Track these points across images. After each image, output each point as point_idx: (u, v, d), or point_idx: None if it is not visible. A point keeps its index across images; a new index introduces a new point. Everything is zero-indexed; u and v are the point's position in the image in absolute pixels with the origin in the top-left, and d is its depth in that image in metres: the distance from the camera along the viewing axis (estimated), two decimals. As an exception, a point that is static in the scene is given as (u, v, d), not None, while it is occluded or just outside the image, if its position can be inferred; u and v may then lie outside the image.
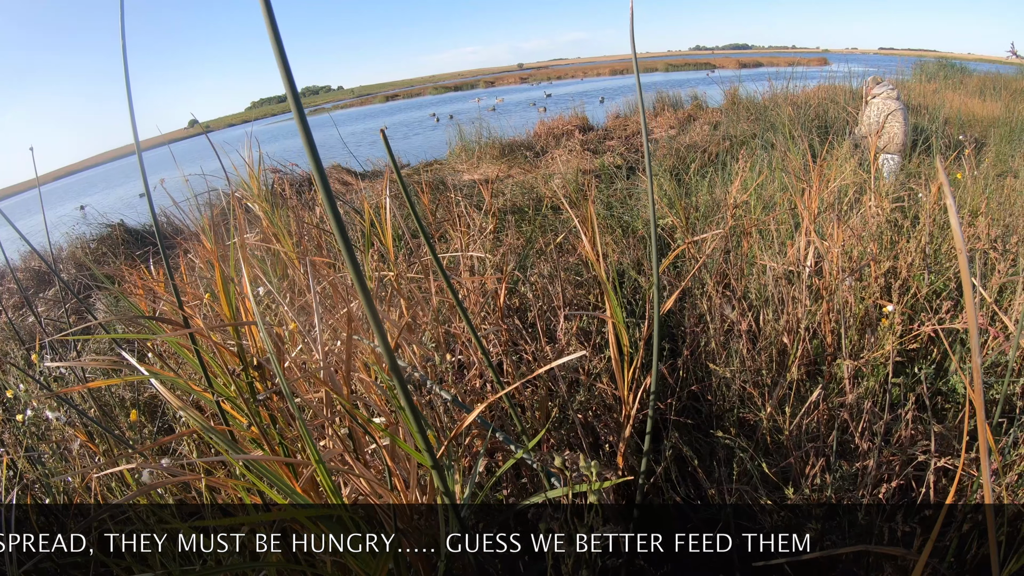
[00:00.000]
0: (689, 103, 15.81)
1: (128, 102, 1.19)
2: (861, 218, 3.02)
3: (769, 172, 4.76)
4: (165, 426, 2.88)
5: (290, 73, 0.74)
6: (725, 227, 3.33)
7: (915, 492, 2.03)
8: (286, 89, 0.75)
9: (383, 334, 0.84)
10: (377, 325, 0.82)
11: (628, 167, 9.23)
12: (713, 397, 2.54)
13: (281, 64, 0.72)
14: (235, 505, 1.80)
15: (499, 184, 8.44)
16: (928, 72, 16.71)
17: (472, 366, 2.30)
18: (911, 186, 3.76)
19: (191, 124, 3.16)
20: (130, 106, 1.19)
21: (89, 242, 11.14)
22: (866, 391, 2.24)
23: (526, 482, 2.16)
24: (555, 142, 13.66)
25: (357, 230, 3.40)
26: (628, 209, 5.49)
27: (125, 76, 1.15)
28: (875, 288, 2.59)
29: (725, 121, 11.13)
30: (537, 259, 3.39)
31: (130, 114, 1.19)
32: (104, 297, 6.52)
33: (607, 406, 2.29)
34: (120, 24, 1.13)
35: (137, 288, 3.11)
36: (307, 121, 0.77)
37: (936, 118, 8.94)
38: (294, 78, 0.76)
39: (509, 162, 11.66)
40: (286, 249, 2.67)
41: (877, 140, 6.11)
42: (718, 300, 2.61)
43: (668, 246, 4.26)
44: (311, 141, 0.76)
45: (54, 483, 2.22)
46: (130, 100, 1.19)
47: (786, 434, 2.18)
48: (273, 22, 0.70)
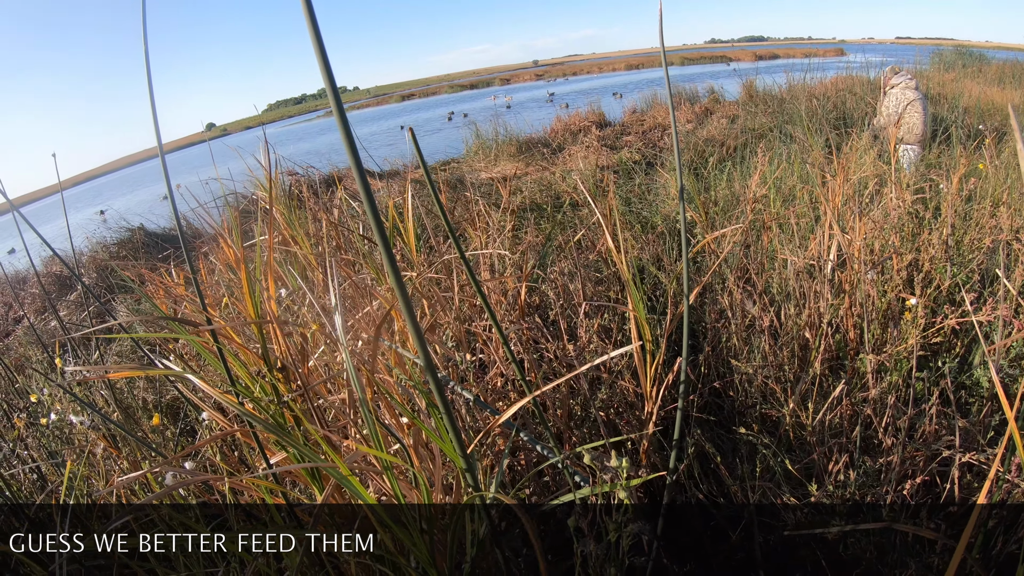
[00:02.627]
0: (706, 97, 15.74)
1: (151, 108, 1.19)
2: (882, 210, 2.99)
3: (788, 165, 4.73)
4: (187, 428, 2.90)
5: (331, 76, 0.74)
6: (745, 221, 3.31)
7: (939, 488, 2.01)
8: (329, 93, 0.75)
9: (420, 336, 0.84)
10: (415, 329, 0.81)
11: (646, 162, 9.20)
12: (735, 393, 2.52)
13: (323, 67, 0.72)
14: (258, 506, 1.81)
15: (517, 182, 8.44)
16: (946, 61, 16.52)
17: (492, 365, 2.30)
18: (932, 177, 3.72)
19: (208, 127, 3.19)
20: (153, 112, 1.19)
21: (110, 246, 11.23)
22: (889, 386, 2.21)
23: (548, 480, 2.16)
24: (572, 138, 13.65)
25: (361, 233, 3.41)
26: (647, 205, 5.47)
27: (148, 83, 1.15)
28: (898, 281, 2.56)
29: (743, 114, 11.06)
30: (557, 256, 3.38)
31: (153, 119, 1.20)
32: (125, 300, 6.57)
33: (628, 403, 2.28)
34: (143, 33, 1.13)
35: (159, 291, 3.13)
36: (347, 120, 0.77)
37: (955, 107, 8.84)
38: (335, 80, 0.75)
39: (526, 159, 11.66)
40: (304, 251, 2.68)
41: (896, 131, 6.06)
42: (739, 295, 2.59)
43: (688, 241, 4.23)
44: (351, 141, 0.75)
45: (77, 486, 2.24)
46: (153, 106, 1.19)
47: (809, 430, 2.16)
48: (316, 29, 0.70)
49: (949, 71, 14.34)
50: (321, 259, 2.65)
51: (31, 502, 2.06)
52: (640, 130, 13.93)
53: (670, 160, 7.82)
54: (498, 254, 2.87)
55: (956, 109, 8.71)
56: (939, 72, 14.10)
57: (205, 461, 2.07)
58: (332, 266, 1.42)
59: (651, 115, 15.57)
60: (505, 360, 2.25)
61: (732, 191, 4.71)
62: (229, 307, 2.23)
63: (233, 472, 1.84)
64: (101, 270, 9.60)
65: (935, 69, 14.93)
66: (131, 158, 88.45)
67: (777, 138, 7.38)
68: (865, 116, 8.13)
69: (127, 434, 2.03)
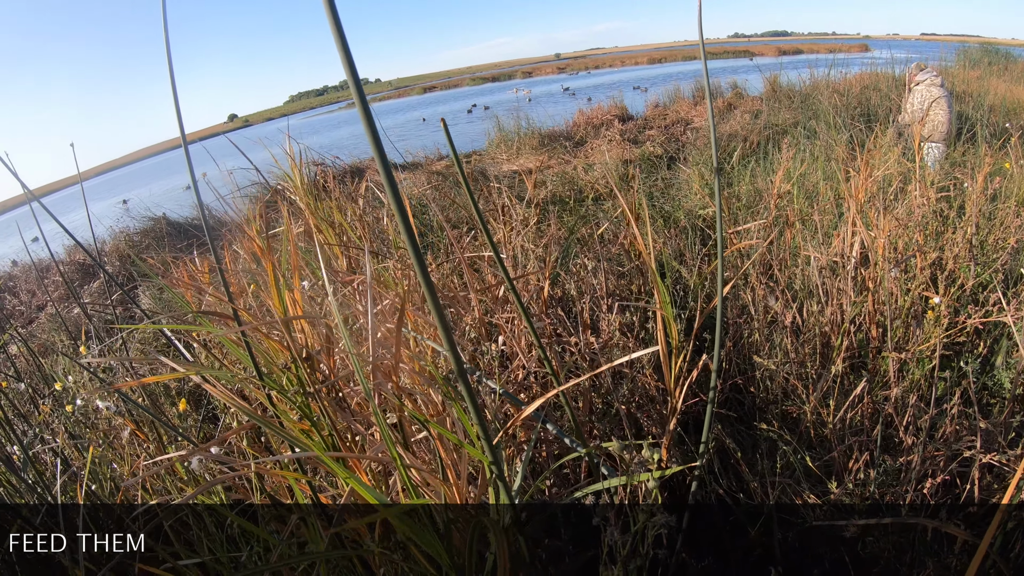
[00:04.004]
0: (729, 91, 15.67)
1: (174, 99, 1.20)
2: (906, 208, 2.96)
3: (811, 161, 4.70)
4: (210, 414, 2.93)
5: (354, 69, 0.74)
6: (768, 217, 3.29)
7: (959, 488, 2.00)
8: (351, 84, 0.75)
9: (447, 328, 0.84)
10: (443, 323, 0.82)
11: (668, 157, 9.17)
12: (756, 389, 2.52)
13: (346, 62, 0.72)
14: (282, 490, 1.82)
15: (539, 174, 8.44)
16: (972, 58, 16.32)
17: (514, 357, 2.31)
18: (956, 175, 3.68)
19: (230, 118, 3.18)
20: (176, 103, 1.20)
21: (133, 235, 11.36)
22: (911, 385, 2.20)
23: (568, 473, 2.16)
24: (594, 132, 13.64)
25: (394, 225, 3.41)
26: (669, 199, 5.46)
27: (170, 74, 1.16)
28: (921, 280, 2.54)
29: (766, 110, 10.98)
30: (579, 249, 3.38)
31: (176, 109, 1.21)
32: (148, 289, 6.64)
33: (650, 398, 2.28)
34: (163, 24, 1.14)
35: (183, 280, 3.16)
36: (372, 114, 0.77)
37: (981, 105, 8.74)
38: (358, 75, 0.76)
39: (548, 152, 11.65)
40: (330, 241, 2.70)
41: (921, 128, 6.00)
42: (762, 291, 2.58)
43: (710, 237, 4.22)
44: (376, 134, 0.76)
45: (102, 471, 2.27)
46: (175, 97, 1.20)
47: (829, 428, 2.16)
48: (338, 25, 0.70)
49: (974, 68, 14.15)
50: (345, 249, 2.67)
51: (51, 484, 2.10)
52: (662, 124, 13.89)
53: (693, 155, 7.80)
54: (521, 246, 2.88)
55: (981, 107, 8.61)
56: (964, 69, 13.93)
57: (230, 447, 2.09)
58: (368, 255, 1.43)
59: (673, 109, 15.53)
60: (528, 352, 2.25)
61: (755, 187, 4.69)
62: (255, 295, 2.25)
63: (259, 458, 1.86)
64: (124, 258, 9.70)
65: (960, 66, 14.76)
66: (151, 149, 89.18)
67: (801, 134, 7.34)
68: (889, 113, 8.07)
69: (155, 419, 2.05)
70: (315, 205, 2.87)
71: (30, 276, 11.12)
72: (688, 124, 13.59)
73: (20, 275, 11.95)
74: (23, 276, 11.58)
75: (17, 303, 10.31)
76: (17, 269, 13.25)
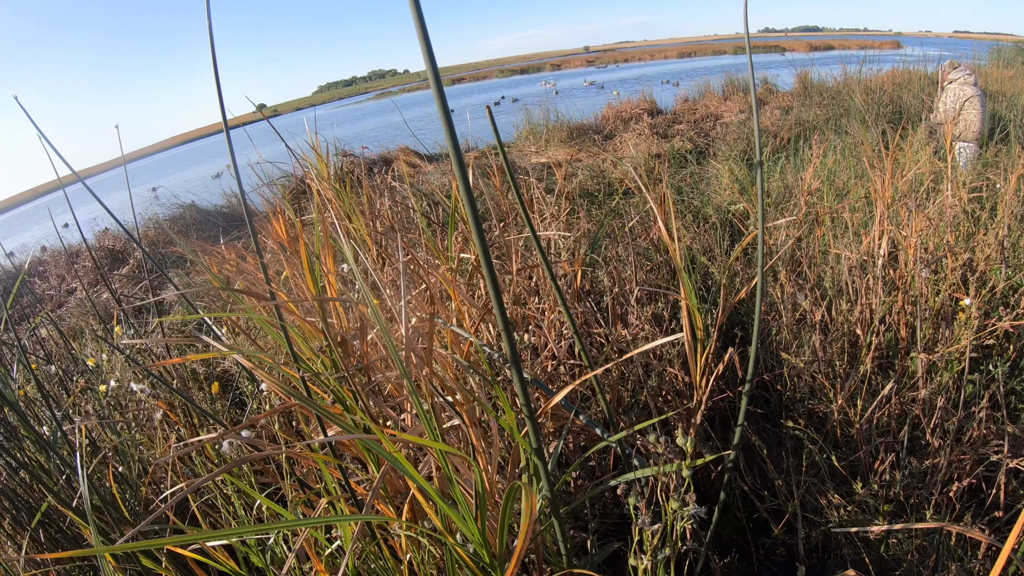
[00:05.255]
0: (759, 87, 15.56)
1: (217, 89, 1.22)
2: (938, 208, 2.93)
3: (842, 159, 4.66)
4: (237, 399, 2.96)
5: (432, 55, 0.75)
6: (799, 214, 3.27)
7: (984, 493, 1.98)
8: (427, 67, 0.76)
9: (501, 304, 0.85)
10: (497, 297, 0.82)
11: (698, 151, 9.13)
12: (783, 387, 2.51)
13: (424, 46, 0.73)
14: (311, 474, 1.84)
15: (568, 167, 8.45)
16: (1005, 57, 16.05)
17: (543, 347, 2.31)
18: (989, 176, 3.64)
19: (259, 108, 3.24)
20: (218, 90, 1.22)
21: (162, 222, 11.52)
22: (939, 387, 2.18)
23: (594, 465, 2.17)
24: (623, 126, 13.64)
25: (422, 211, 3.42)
26: (698, 194, 5.43)
27: (213, 63, 1.17)
28: (952, 280, 2.51)
29: (796, 106, 10.91)
30: (609, 242, 3.38)
31: (219, 98, 1.22)
32: (178, 275, 6.71)
33: (677, 391, 2.28)
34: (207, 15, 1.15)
35: (213, 266, 3.19)
36: (444, 94, 0.78)
37: (1015, 105, 8.59)
38: (436, 60, 0.76)
39: (577, 145, 11.66)
40: (359, 229, 2.71)
41: (953, 128, 5.92)
42: (790, 289, 2.57)
43: (739, 233, 4.20)
44: (448, 118, 0.76)
45: (131, 453, 2.30)
46: (218, 84, 1.22)
47: (856, 427, 2.14)
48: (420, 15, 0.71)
49: (1008, 68, 13.92)
50: (376, 237, 2.68)
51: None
52: (692, 119, 13.85)
53: (723, 150, 7.75)
54: (553, 237, 2.88)
55: (1015, 107, 8.47)
56: (998, 68, 13.72)
57: (261, 430, 2.11)
58: (400, 241, 1.44)
59: (703, 104, 15.48)
60: (557, 342, 2.26)
61: (784, 183, 4.65)
62: (284, 282, 2.27)
63: (290, 442, 1.88)
64: (153, 244, 9.83)
65: (993, 65, 14.55)
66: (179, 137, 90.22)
67: (832, 130, 7.28)
68: (921, 112, 7.97)
69: (188, 401, 2.07)
70: (344, 194, 2.88)
71: (60, 261, 11.30)
72: (718, 119, 13.54)
73: (50, 260, 12.15)
74: (53, 261, 11.78)
75: (47, 287, 10.48)
76: (47, 254, 13.48)
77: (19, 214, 46.94)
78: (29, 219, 32.69)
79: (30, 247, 15.16)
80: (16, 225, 32.01)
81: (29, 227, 26.14)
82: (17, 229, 27.97)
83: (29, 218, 33.96)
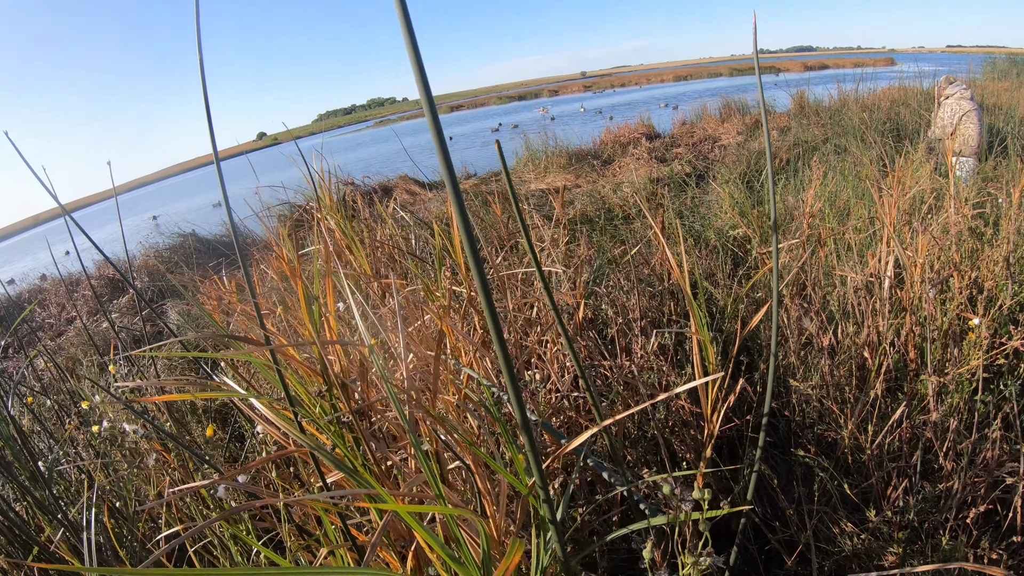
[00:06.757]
0: (756, 108, 15.64)
1: (207, 117, 1.20)
2: (942, 226, 2.90)
3: (842, 178, 4.64)
4: (236, 433, 2.92)
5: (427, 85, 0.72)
6: (801, 237, 3.25)
7: (999, 515, 1.94)
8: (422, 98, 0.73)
9: (511, 368, 0.81)
10: (507, 362, 0.79)
11: (697, 175, 9.14)
12: (791, 413, 2.47)
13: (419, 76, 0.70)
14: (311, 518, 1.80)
15: (567, 193, 8.46)
16: (1000, 69, 16.20)
17: (546, 379, 2.27)
18: (990, 190, 3.62)
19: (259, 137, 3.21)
20: (209, 121, 1.20)
21: (162, 251, 11.53)
22: (951, 409, 2.14)
23: (600, 499, 2.12)
24: (621, 150, 13.68)
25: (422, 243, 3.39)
26: (699, 217, 5.41)
27: (204, 93, 1.15)
28: (960, 300, 2.48)
29: (794, 126, 10.95)
30: (610, 270, 3.35)
31: (209, 128, 1.20)
32: (176, 304, 6.69)
33: (684, 422, 2.24)
34: (198, 48, 1.13)
35: (212, 297, 3.16)
36: (440, 128, 0.75)
37: (1012, 118, 8.62)
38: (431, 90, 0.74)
39: (576, 171, 11.69)
40: (360, 262, 2.68)
41: (953, 143, 5.93)
42: (796, 312, 2.54)
43: (741, 257, 4.17)
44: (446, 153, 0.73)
45: (127, 491, 2.26)
46: (208, 115, 1.20)
47: (867, 453, 2.10)
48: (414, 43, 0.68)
49: (1003, 80, 14.02)
50: (376, 269, 2.65)
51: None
52: (690, 142, 13.91)
53: (722, 172, 7.75)
54: (553, 271, 2.85)
55: (1012, 119, 8.50)
56: (993, 81, 13.82)
57: (258, 474, 2.07)
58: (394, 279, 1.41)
59: (701, 126, 15.56)
60: (560, 376, 2.22)
61: (786, 205, 4.64)
62: (282, 318, 2.24)
63: (288, 489, 1.84)
64: (153, 274, 9.83)
65: (988, 78, 14.67)
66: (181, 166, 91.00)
67: (830, 151, 7.29)
68: (920, 128, 8.00)
69: (181, 447, 2.03)
70: (345, 225, 2.85)
71: (59, 290, 11.30)
72: (716, 141, 13.58)
73: (50, 288, 12.17)
74: (53, 290, 11.78)
75: (47, 315, 10.46)
76: (47, 283, 13.50)
77: (20, 241, 47.22)
78: (32, 246, 32.90)
79: (30, 275, 15.21)
80: (16, 253, 32.18)
81: (32, 253, 26.26)
82: (17, 257, 28.09)
83: (32, 245, 34.19)
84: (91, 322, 8.73)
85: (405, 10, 0.71)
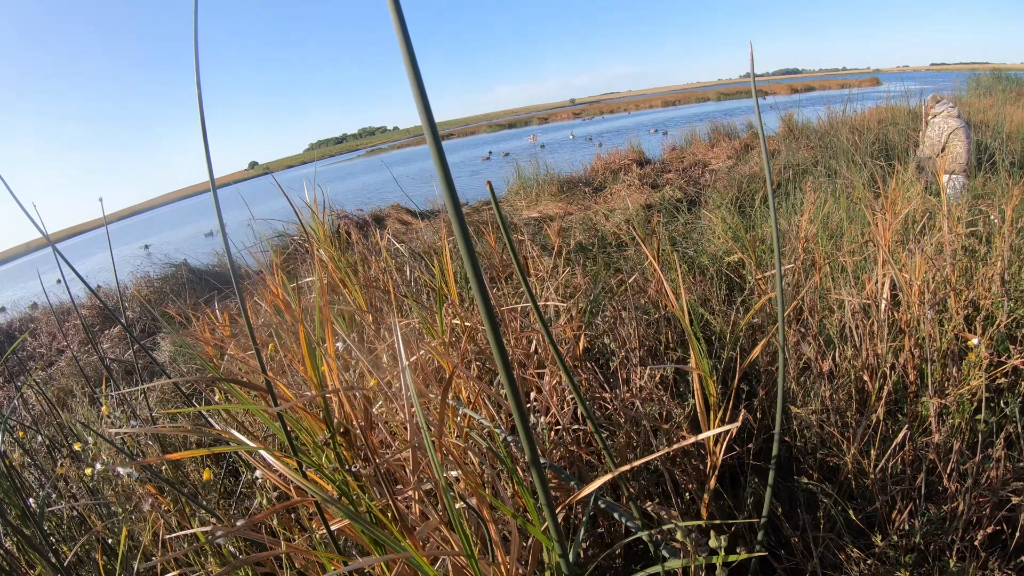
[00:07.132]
0: (744, 132, 15.77)
1: (204, 146, 1.19)
2: (936, 246, 2.91)
3: (834, 201, 4.66)
4: (231, 468, 2.89)
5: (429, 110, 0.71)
6: (797, 261, 3.25)
7: (1006, 535, 1.93)
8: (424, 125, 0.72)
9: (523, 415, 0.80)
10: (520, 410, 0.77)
11: (688, 200, 9.16)
12: (791, 439, 2.45)
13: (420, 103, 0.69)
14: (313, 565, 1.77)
15: (560, 222, 8.49)
16: (984, 86, 16.42)
17: (545, 412, 2.26)
18: (981, 208, 3.63)
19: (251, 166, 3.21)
20: (206, 150, 1.20)
21: (154, 281, 11.50)
22: (953, 429, 2.13)
23: (603, 531, 2.10)
24: (612, 176, 13.75)
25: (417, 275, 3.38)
26: (692, 243, 5.42)
27: (201, 122, 1.15)
28: (957, 320, 2.48)
29: (783, 150, 11.00)
30: (606, 299, 3.34)
31: (206, 157, 1.20)
32: (169, 335, 6.65)
33: (685, 451, 2.22)
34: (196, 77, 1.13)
35: (204, 329, 3.13)
36: (444, 155, 0.74)
37: (999, 134, 8.70)
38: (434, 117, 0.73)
39: (568, 198, 11.73)
40: (355, 296, 2.66)
41: (943, 162, 5.98)
42: (794, 338, 2.53)
43: (735, 283, 4.17)
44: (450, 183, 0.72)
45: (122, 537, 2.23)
46: (206, 145, 1.19)
47: (871, 477, 2.09)
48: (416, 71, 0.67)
49: (987, 96, 14.17)
50: (371, 302, 2.64)
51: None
52: (680, 167, 13.99)
53: (713, 197, 7.78)
54: (552, 305, 2.85)
55: (999, 135, 8.57)
56: (978, 98, 13.97)
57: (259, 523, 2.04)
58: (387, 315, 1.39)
59: (691, 151, 15.68)
60: (561, 408, 2.20)
61: (779, 229, 4.63)
62: (275, 351, 2.21)
63: (289, 536, 1.81)
64: (144, 304, 9.79)
65: (973, 95, 14.83)
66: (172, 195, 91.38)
67: (821, 173, 7.33)
68: (908, 147, 8.06)
69: (179, 493, 2.01)
70: (339, 258, 2.84)
71: (51, 319, 11.24)
72: (706, 166, 13.66)
73: (41, 317, 12.11)
74: (44, 319, 11.72)
75: (38, 344, 10.39)
76: (38, 311, 13.44)
77: (12, 268, 47.12)
78: (24, 274, 32.78)
79: (21, 303, 15.16)
80: (7, 280, 32.06)
81: (24, 281, 26.16)
82: (8, 284, 27.97)
83: (24, 272, 34.08)
84: (82, 352, 8.67)
85: (408, 42, 0.70)
